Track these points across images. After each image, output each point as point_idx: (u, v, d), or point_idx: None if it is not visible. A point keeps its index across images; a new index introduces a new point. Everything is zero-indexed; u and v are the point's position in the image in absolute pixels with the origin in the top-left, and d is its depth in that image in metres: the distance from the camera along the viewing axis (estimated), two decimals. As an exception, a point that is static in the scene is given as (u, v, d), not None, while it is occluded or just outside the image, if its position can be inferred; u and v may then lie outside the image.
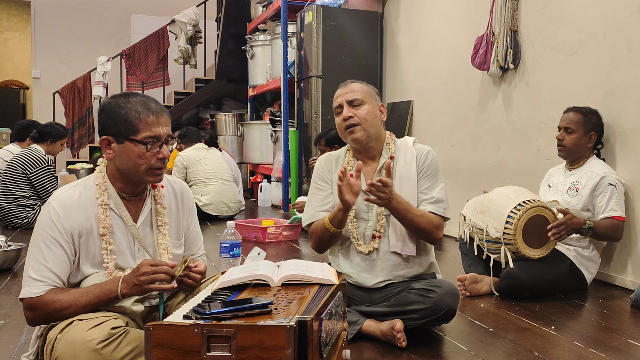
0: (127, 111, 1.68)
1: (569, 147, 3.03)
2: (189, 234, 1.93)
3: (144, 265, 1.63)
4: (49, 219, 1.66)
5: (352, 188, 2.07)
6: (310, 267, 1.67)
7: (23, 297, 1.63)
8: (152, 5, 9.36)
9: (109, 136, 1.70)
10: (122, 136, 1.68)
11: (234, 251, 2.92)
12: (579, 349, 2.16)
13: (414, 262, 2.24)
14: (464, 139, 4.53)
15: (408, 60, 5.33)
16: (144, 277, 1.62)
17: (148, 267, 1.63)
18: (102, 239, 1.69)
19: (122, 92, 1.83)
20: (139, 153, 1.68)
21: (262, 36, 7.04)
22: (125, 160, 1.70)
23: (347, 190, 2.05)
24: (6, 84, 10.45)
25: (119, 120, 1.68)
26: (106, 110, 1.71)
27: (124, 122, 1.67)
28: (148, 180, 1.74)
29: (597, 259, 2.99)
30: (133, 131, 1.67)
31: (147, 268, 1.63)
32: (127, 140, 1.68)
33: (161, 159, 1.71)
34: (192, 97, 8.28)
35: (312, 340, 1.27)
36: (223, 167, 5.67)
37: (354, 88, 2.23)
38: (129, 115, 1.67)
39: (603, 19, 3.24)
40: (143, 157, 1.68)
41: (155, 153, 1.70)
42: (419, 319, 2.12)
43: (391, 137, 2.30)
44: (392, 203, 2.09)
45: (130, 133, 1.67)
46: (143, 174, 1.71)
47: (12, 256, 3.44)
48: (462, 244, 3.10)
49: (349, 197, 2.06)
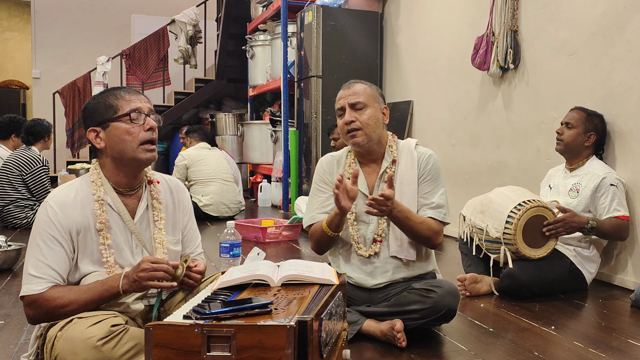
0: (105, 98, 1.74)
1: (566, 141, 3.05)
2: (186, 232, 1.93)
3: (145, 261, 1.64)
4: (47, 217, 1.67)
5: (348, 194, 2.05)
6: (310, 267, 1.67)
7: (24, 295, 1.64)
8: (152, 5, 9.36)
9: (94, 127, 1.73)
10: (105, 120, 1.71)
11: (234, 251, 2.92)
12: (579, 349, 2.16)
13: (414, 265, 2.24)
14: (464, 139, 4.53)
15: (408, 60, 5.33)
16: (143, 274, 1.62)
17: (148, 264, 1.63)
18: (99, 234, 1.70)
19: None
20: (125, 129, 1.71)
21: (262, 36, 7.04)
22: (115, 142, 1.71)
23: (344, 197, 2.04)
24: (6, 84, 10.45)
25: (99, 107, 1.73)
26: (87, 108, 1.77)
27: (104, 107, 1.72)
28: (142, 159, 1.73)
29: (597, 258, 2.99)
30: (114, 110, 1.72)
31: (147, 265, 1.63)
32: (111, 120, 1.71)
33: (149, 130, 1.73)
34: (192, 97, 8.28)
35: (312, 340, 1.27)
36: (224, 167, 5.67)
37: (357, 90, 2.20)
38: (106, 100, 1.73)
39: (603, 19, 3.24)
40: (130, 132, 1.71)
41: (141, 125, 1.72)
42: (419, 319, 2.12)
43: (393, 140, 2.29)
44: (392, 212, 2.09)
45: (112, 113, 1.72)
46: (136, 151, 1.72)
47: (12, 256, 3.44)
48: (462, 244, 3.10)
49: (345, 203, 2.05)
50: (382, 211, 2.07)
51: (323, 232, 2.18)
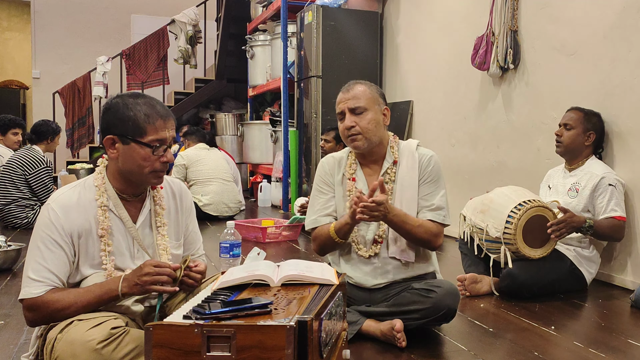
0: (136, 113, 1.68)
1: (566, 143, 3.05)
2: (188, 235, 1.93)
3: (147, 265, 1.64)
4: (48, 220, 1.66)
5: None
6: (310, 267, 1.67)
7: (23, 298, 1.63)
8: (152, 5, 9.36)
9: (114, 135, 1.69)
10: (128, 137, 1.68)
11: (234, 251, 2.92)
12: (579, 349, 2.16)
13: (414, 266, 2.24)
14: (464, 139, 4.53)
15: (408, 60, 5.33)
16: (147, 278, 1.62)
17: (151, 267, 1.63)
18: (100, 240, 1.69)
19: (128, 92, 1.83)
20: (144, 155, 1.68)
21: (262, 36, 7.04)
22: (129, 161, 1.70)
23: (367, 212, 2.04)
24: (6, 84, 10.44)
25: (127, 121, 1.67)
26: (113, 110, 1.70)
27: (132, 124, 1.67)
28: (150, 182, 1.75)
29: (597, 259, 2.99)
30: (140, 133, 1.67)
31: (150, 269, 1.63)
32: (134, 141, 1.68)
33: (164, 162, 1.72)
34: (192, 97, 8.28)
35: (312, 340, 1.27)
36: (223, 167, 5.67)
37: (357, 94, 2.18)
38: (137, 117, 1.67)
39: (603, 19, 3.24)
40: (148, 160, 1.69)
41: (160, 156, 1.70)
42: (419, 319, 2.12)
43: (394, 140, 2.28)
44: (387, 217, 2.08)
45: (137, 135, 1.67)
46: (146, 176, 1.71)
47: (12, 256, 3.44)
48: (462, 244, 3.10)
49: (361, 216, 2.05)
50: (375, 217, 2.06)
51: (329, 237, 2.18)
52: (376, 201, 2.02)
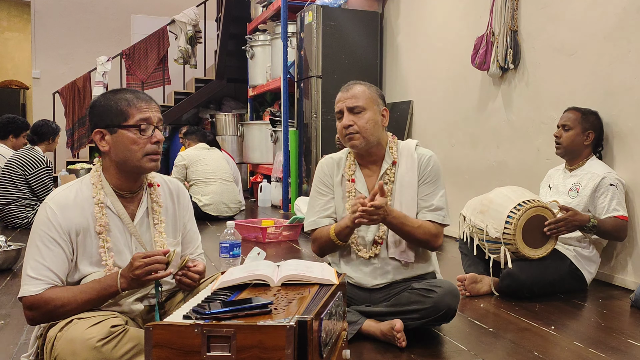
0: (117, 101, 1.71)
1: (565, 144, 3.05)
2: (186, 233, 1.93)
3: (136, 259, 1.63)
4: (46, 218, 1.66)
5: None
6: (310, 267, 1.67)
7: (22, 296, 1.63)
8: (152, 5, 9.36)
9: (101, 129, 1.71)
10: (114, 125, 1.70)
11: (234, 251, 2.92)
12: (579, 349, 2.16)
13: (414, 266, 2.24)
14: (464, 139, 4.53)
15: (408, 60, 5.33)
16: (139, 271, 1.62)
17: (140, 260, 1.62)
18: (98, 237, 1.70)
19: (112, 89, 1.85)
20: (132, 138, 1.70)
21: (262, 36, 7.04)
22: (120, 150, 1.71)
23: (365, 216, 2.05)
24: (6, 84, 10.44)
25: (110, 110, 1.70)
26: (96, 106, 1.74)
27: (115, 111, 1.70)
28: (145, 168, 1.73)
29: (597, 258, 2.99)
30: (125, 117, 1.70)
31: (139, 262, 1.62)
32: (120, 127, 1.70)
33: (155, 142, 1.72)
34: (192, 97, 8.28)
35: (312, 340, 1.27)
36: (223, 167, 5.67)
37: (356, 93, 2.19)
38: (119, 104, 1.70)
39: (603, 19, 3.24)
40: (137, 143, 1.70)
41: (149, 137, 1.71)
42: (419, 319, 2.12)
43: (393, 141, 2.28)
44: (386, 219, 2.08)
45: (122, 120, 1.70)
46: (140, 161, 1.71)
47: (12, 256, 3.44)
48: (462, 244, 3.10)
49: (360, 220, 2.06)
50: (374, 220, 2.06)
51: (329, 239, 2.18)
52: (375, 205, 2.02)
